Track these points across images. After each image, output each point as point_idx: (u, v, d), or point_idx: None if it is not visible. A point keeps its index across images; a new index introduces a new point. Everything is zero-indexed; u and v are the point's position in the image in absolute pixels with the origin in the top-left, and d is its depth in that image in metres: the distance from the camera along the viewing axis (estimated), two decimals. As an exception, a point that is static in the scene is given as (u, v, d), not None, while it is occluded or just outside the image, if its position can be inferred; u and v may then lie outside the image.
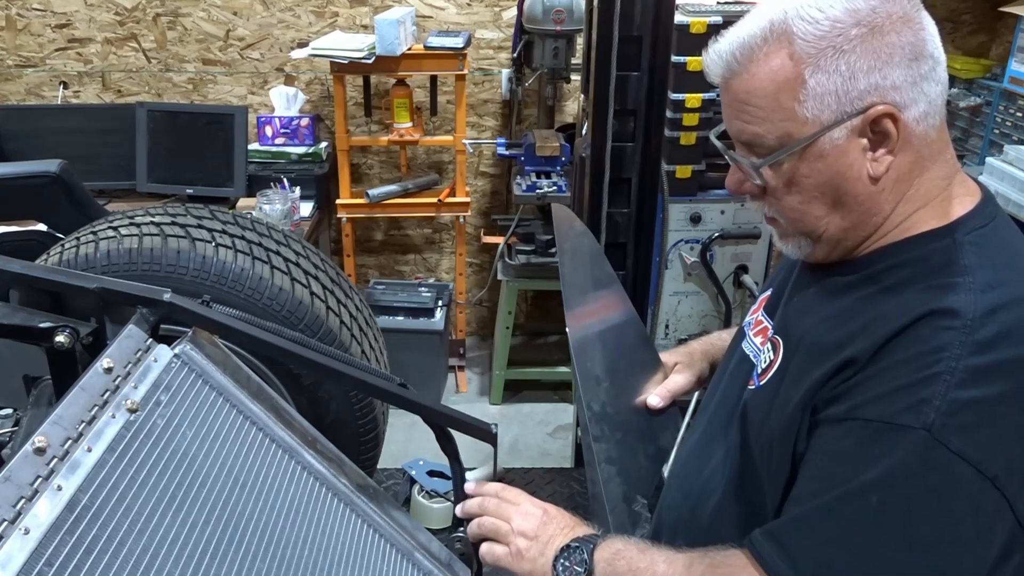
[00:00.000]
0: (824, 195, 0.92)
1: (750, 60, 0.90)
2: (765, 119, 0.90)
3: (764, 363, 1.02)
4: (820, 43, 0.86)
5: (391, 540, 1.13)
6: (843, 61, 0.85)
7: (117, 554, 0.78)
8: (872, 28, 0.85)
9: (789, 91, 0.88)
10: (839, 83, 0.86)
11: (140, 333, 1.00)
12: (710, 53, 0.94)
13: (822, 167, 0.90)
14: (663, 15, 1.84)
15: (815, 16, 0.86)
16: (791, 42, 0.87)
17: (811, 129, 0.88)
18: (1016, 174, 2.67)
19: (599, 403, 1.11)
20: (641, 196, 2.00)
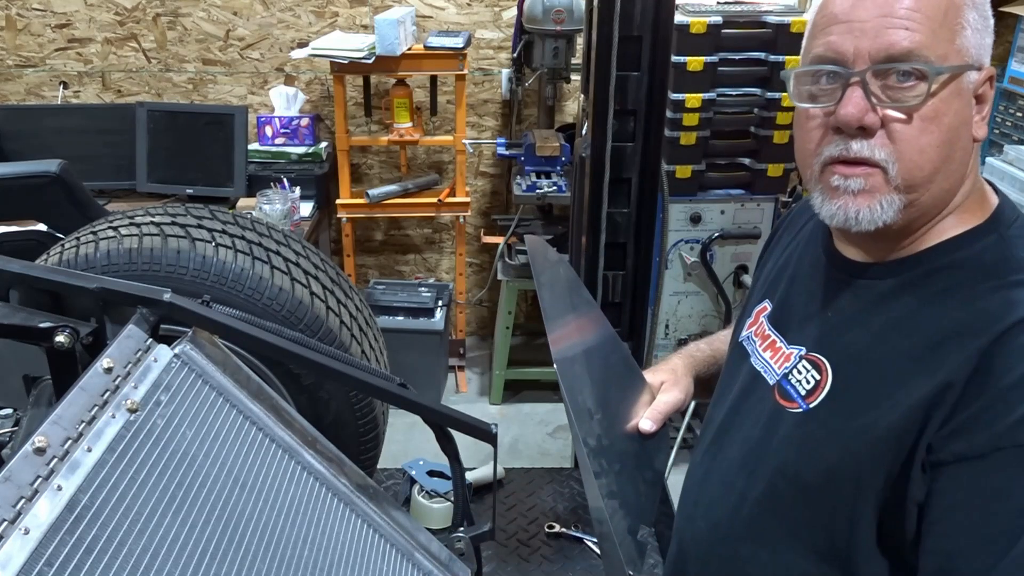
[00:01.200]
0: (950, 142, 0.86)
1: None
2: (933, 31, 0.84)
3: (807, 383, 0.95)
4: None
5: (391, 540, 1.13)
6: (976, 11, 0.86)
7: (117, 554, 0.78)
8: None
9: (956, 11, 0.85)
10: (980, 30, 0.86)
11: (140, 333, 1.00)
12: None
13: (958, 107, 0.86)
14: (663, 15, 1.84)
15: None
16: None
17: (963, 60, 0.85)
18: (1016, 174, 2.67)
19: (594, 437, 1.07)
20: (641, 196, 2.00)
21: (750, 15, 2.90)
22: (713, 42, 2.84)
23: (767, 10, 2.94)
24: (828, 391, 0.92)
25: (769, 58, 2.88)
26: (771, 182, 3.02)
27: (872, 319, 0.90)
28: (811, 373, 0.95)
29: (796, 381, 0.97)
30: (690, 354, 1.27)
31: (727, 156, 3.02)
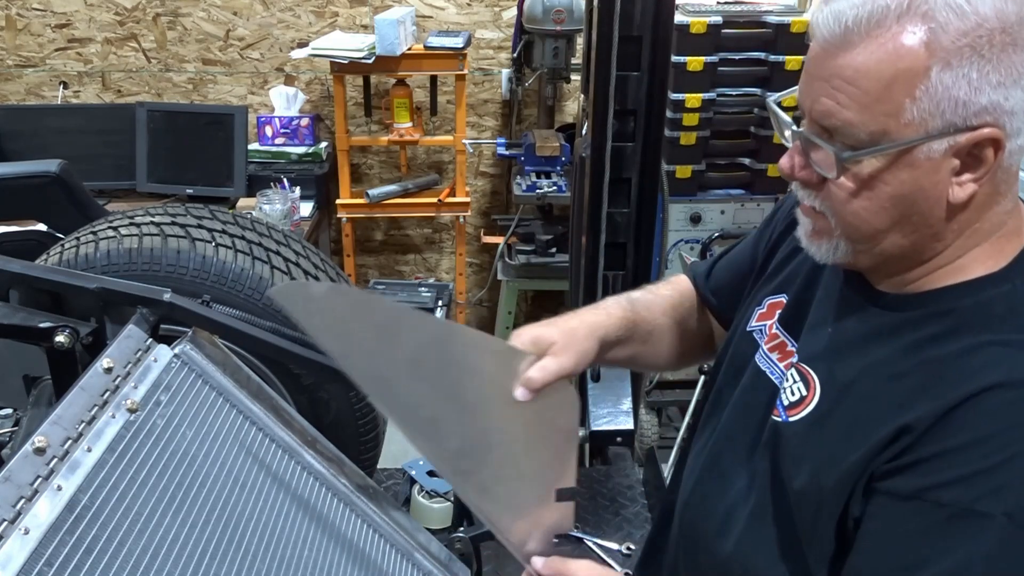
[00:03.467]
0: (895, 208, 0.81)
1: (875, 32, 0.76)
2: (865, 107, 0.77)
3: (793, 395, 0.93)
4: (960, 39, 0.73)
5: (391, 540, 1.13)
6: (976, 67, 0.74)
7: (117, 554, 0.78)
8: (1016, 40, 0.74)
9: (907, 83, 0.75)
10: (963, 90, 0.74)
11: (140, 333, 1.00)
12: (825, 11, 0.79)
13: (906, 178, 0.79)
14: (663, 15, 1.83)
15: (962, 5, 0.73)
16: (930, 28, 0.74)
17: (913, 133, 0.76)
18: (1016, 174, 2.67)
19: (457, 437, 1.01)
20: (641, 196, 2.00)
21: (750, 15, 2.90)
22: (713, 42, 2.84)
23: (767, 10, 2.94)
24: (811, 411, 0.90)
25: (769, 58, 2.88)
26: (771, 182, 3.02)
27: (870, 350, 0.87)
28: (799, 385, 0.93)
29: (787, 392, 0.95)
30: (606, 310, 1.11)
31: (727, 156, 3.02)
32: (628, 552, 1.39)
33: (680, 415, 3.17)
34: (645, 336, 1.15)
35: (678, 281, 1.26)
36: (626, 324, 1.10)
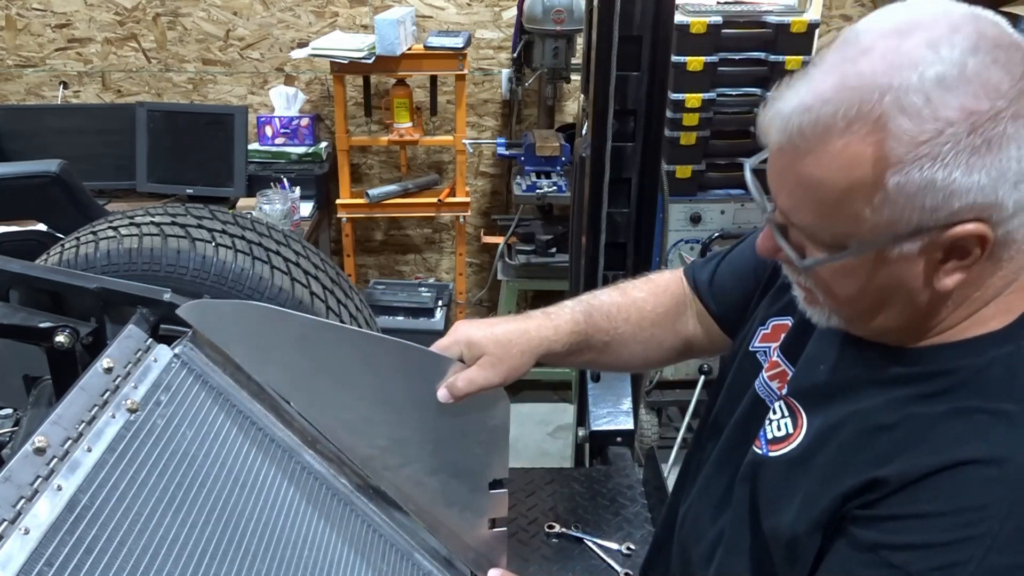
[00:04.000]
0: (875, 296, 0.78)
1: (822, 142, 0.71)
2: (824, 215, 0.74)
3: (779, 431, 0.91)
4: (918, 148, 0.67)
5: (391, 540, 1.13)
6: (941, 173, 0.67)
7: (117, 554, 0.78)
8: (990, 139, 0.67)
9: (862, 193, 0.70)
10: (927, 196, 0.68)
11: (140, 333, 1.00)
12: (771, 113, 0.76)
13: (881, 272, 0.75)
14: (663, 15, 1.83)
15: (920, 110, 0.67)
16: (882, 137, 0.68)
17: (878, 236, 0.72)
18: (1016, 174, 2.67)
19: (384, 438, 1.07)
20: (641, 196, 2.00)
21: (750, 15, 2.90)
22: (713, 42, 2.84)
23: (767, 10, 2.94)
24: (793, 449, 0.88)
25: (769, 58, 2.88)
26: (771, 182, 3.02)
27: (861, 396, 0.83)
28: (786, 421, 0.91)
29: (773, 425, 0.92)
30: (557, 323, 1.08)
31: (727, 156, 3.02)
32: (628, 552, 1.39)
33: (680, 415, 3.17)
34: (600, 347, 1.12)
35: (661, 281, 1.20)
36: (575, 338, 1.08)
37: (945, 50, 0.68)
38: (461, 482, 1.11)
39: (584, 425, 1.84)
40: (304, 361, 1.02)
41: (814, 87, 0.72)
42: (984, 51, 0.68)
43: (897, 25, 0.71)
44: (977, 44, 0.68)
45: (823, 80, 0.72)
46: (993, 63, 0.67)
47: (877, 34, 0.71)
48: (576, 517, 1.47)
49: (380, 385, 1.04)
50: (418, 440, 1.08)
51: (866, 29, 0.73)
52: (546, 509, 1.49)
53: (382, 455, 1.09)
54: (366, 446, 1.09)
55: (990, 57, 0.68)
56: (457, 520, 1.13)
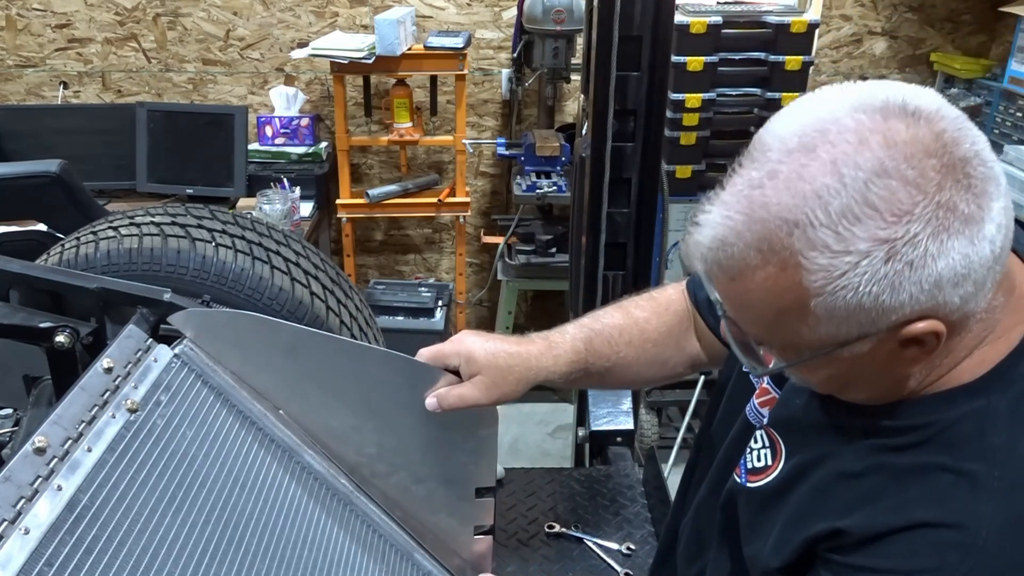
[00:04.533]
0: (839, 380, 0.78)
1: (742, 275, 0.70)
2: (766, 331, 0.74)
3: (759, 461, 0.90)
4: (836, 281, 0.65)
5: (391, 540, 1.13)
6: (867, 298, 0.66)
7: (117, 554, 0.78)
8: (911, 261, 0.64)
9: (794, 317, 0.69)
10: (860, 315, 0.67)
11: (140, 333, 1.00)
12: (690, 241, 0.73)
13: (838, 366, 0.74)
14: (663, 15, 1.83)
15: (830, 245, 0.64)
16: (798, 272, 0.66)
17: (824, 345, 0.71)
18: (1016, 174, 2.67)
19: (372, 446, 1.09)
20: (641, 196, 1.99)
21: (750, 15, 2.90)
22: (713, 42, 2.84)
23: (767, 10, 2.94)
24: (771, 483, 0.88)
25: (769, 58, 2.88)
26: (771, 182, 3.01)
27: (834, 440, 0.82)
28: (766, 452, 0.90)
29: (753, 454, 0.92)
30: (556, 352, 1.07)
31: (727, 156, 3.00)
32: (628, 552, 1.39)
33: (680, 415, 3.17)
34: (602, 372, 1.12)
35: (663, 298, 1.18)
36: (575, 367, 1.08)
37: (849, 175, 0.64)
38: (448, 490, 1.13)
39: (584, 425, 1.83)
40: (294, 369, 1.04)
41: (726, 217, 0.69)
42: (893, 169, 0.63)
43: (803, 137, 0.67)
44: (883, 162, 0.63)
45: (734, 208, 0.69)
46: (902, 183, 0.63)
47: (783, 150, 0.67)
48: (576, 517, 1.47)
49: (368, 394, 1.06)
50: (406, 448, 1.10)
51: (774, 139, 0.69)
52: (546, 509, 1.49)
53: (370, 463, 1.11)
54: (354, 454, 1.10)
55: (899, 176, 0.63)
56: (444, 527, 1.15)
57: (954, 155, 0.64)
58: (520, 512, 1.48)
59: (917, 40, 3.61)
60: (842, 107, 0.67)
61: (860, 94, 0.68)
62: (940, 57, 3.56)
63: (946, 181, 0.64)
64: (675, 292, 1.19)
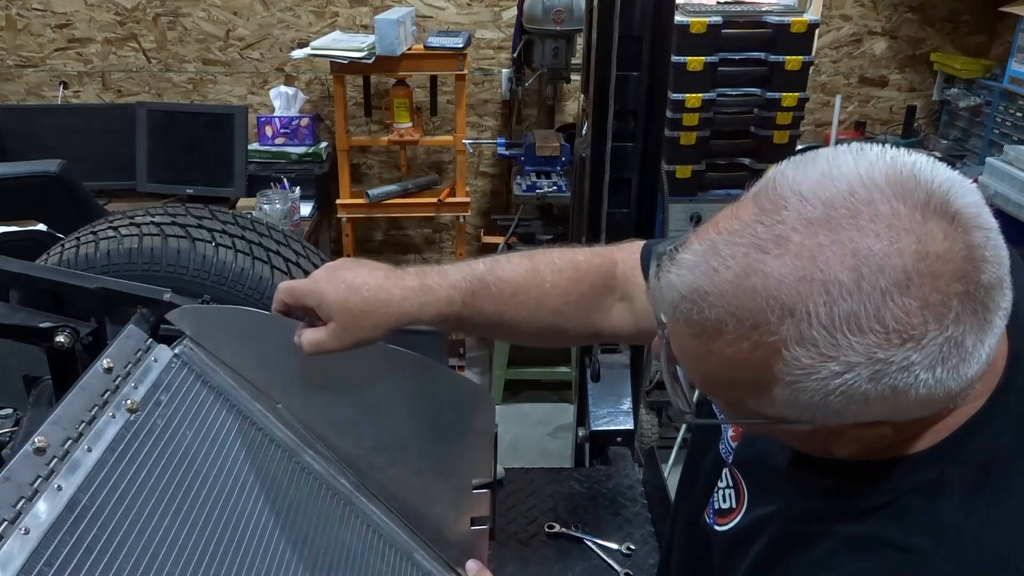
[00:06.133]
0: (791, 439, 0.74)
1: (709, 338, 0.63)
2: (711, 387, 0.70)
3: (724, 503, 0.87)
4: (809, 380, 0.60)
5: (391, 540, 1.13)
6: (833, 404, 0.61)
7: (117, 554, 0.78)
8: (895, 386, 0.59)
9: (748, 391, 0.64)
10: (818, 410, 0.62)
11: (140, 333, 1.00)
12: (664, 281, 0.64)
13: (774, 431, 0.72)
14: (663, 15, 1.83)
15: (821, 348, 0.58)
16: (773, 358, 0.60)
17: (767, 417, 0.66)
18: (1016, 174, 2.67)
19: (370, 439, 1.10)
20: (641, 196, 1.99)
21: (750, 15, 2.90)
22: (713, 42, 2.84)
23: (767, 10, 2.94)
24: (734, 527, 0.85)
25: (769, 58, 2.88)
26: (771, 182, 3.01)
27: (789, 494, 0.78)
28: (731, 492, 0.87)
29: (719, 494, 0.89)
30: (423, 301, 0.98)
31: (727, 156, 3.02)
32: (628, 552, 1.39)
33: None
34: (479, 328, 1.02)
35: (585, 264, 1.03)
36: (446, 318, 0.98)
37: (869, 279, 0.56)
38: (445, 482, 1.13)
39: (584, 425, 1.83)
40: (292, 364, 1.04)
41: (713, 270, 0.61)
42: (917, 289, 0.56)
43: (829, 208, 0.58)
44: (910, 277, 0.56)
45: (726, 262, 0.60)
46: (922, 307, 0.56)
47: (801, 216, 0.58)
48: (576, 517, 1.47)
49: (366, 387, 1.07)
50: (403, 441, 1.11)
51: (793, 194, 0.60)
52: (546, 509, 1.49)
53: (368, 456, 1.11)
54: (352, 447, 1.11)
55: (921, 298, 0.56)
56: (442, 519, 1.15)
57: (980, 282, 0.57)
58: (520, 512, 1.48)
59: (917, 40, 3.61)
60: (882, 186, 0.58)
61: (903, 175, 0.58)
62: (940, 57, 3.56)
63: (964, 314, 0.57)
64: (602, 262, 1.04)
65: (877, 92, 3.71)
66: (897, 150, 0.62)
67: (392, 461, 1.12)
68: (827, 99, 3.64)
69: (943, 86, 3.60)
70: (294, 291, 0.96)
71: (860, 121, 3.71)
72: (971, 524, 0.66)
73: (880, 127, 3.75)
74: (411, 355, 1.04)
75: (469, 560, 1.14)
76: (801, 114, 3.03)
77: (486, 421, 1.10)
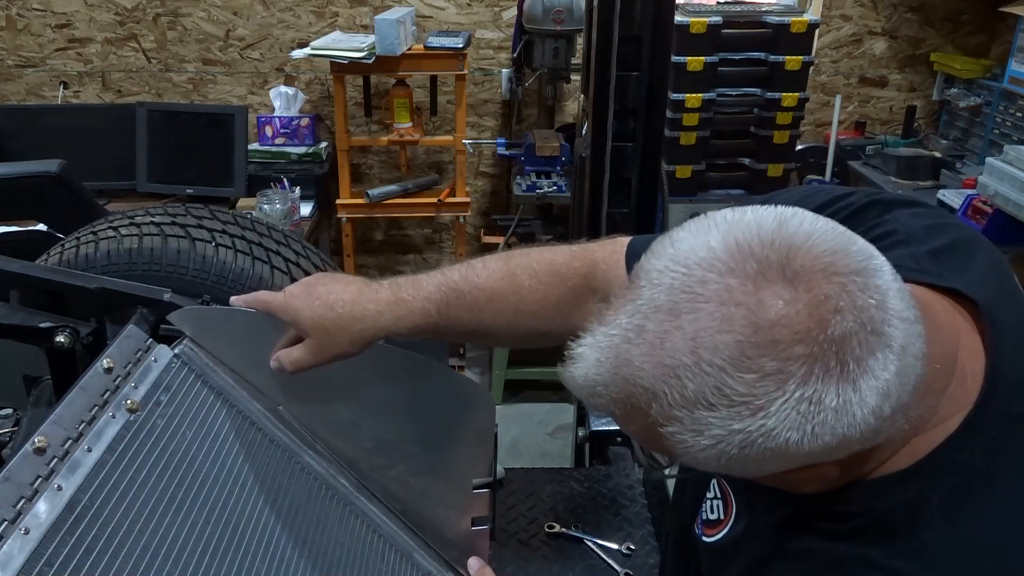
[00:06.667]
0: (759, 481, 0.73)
1: (612, 415, 0.67)
2: (651, 444, 0.69)
3: (712, 514, 0.88)
4: (696, 451, 0.62)
5: (391, 540, 1.13)
6: (729, 462, 0.62)
7: (117, 554, 0.78)
8: (771, 448, 0.60)
9: (665, 447, 0.65)
10: (731, 467, 0.63)
11: (140, 333, 1.00)
12: (566, 373, 0.69)
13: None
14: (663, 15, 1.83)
15: (687, 425, 0.61)
16: (659, 433, 0.63)
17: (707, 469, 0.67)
18: (1016, 174, 2.67)
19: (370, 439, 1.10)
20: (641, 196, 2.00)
21: (750, 15, 2.90)
22: (713, 42, 2.85)
23: (767, 10, 2.94)
24: (722, 539, 0.85)
25: (769, 58, 2.88)
26: (771, 182, 3.02)
27: (774, 509, 0.78)
28: (719, 503, 0.87)
29: (708, 505, 0.89)
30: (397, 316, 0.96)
31: (727, 156, 3.02)
32: (628, 552, 1.39)
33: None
34: (456, 336, 1.02)
35: (564, 269, 1.01)
36: (421, 329, 0.97)
37: (706, 359, 0.58)
38: (446, 482, 1.14)
39: (584, 425, 1.83)
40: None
41: (597, 362, 0.64)
42: (752, 361, 0.58)
43: (671, 293, 0.61)
44: (743, 351, 0.58)
45: (604, 355, 0.64)
46: (759, 377, 0.58)
47: (651, 304, 0.62)
48: (576, 517, 1.47)
49: (365, 388, 1.06)
50: (403, 442, 1.11)
51: (647, 279, 0.63)
52: (546, 509, 1.49)
53: (369, 456, 1.11)
54: (353, 448, 1.11)
55: (757, 369, 0.58)
56: (442, 519, 1.16)
57: (828, 338, 0.57)
58: (520, 512, 1.48)
59: (917, 40, 3.61)
60: (717, 262, 0.60)
61: (742, 245, 0.61)
62: (940, 57, 3.56)
63: (813, 372, 0.57)
64: (581, 264, 1.02)
65: (877, 92, 3.71)
66: (760, 209, 0.64)
67: (392, 461, 1.12)
68: (827, 99, 3.63)
69: (943, 86, 3.60)
70: (269, 306, 0.98)
71: (860, 121, 3.71)
72: (952, 546, 0.67)
73: (880, 127, 3.75)
74: (411, 355, 1.04)
75: (471, 558, 1.14)
76: (801, 114, 3.03)
77: (486, 421, 1.10)
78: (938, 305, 0.71)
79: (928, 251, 0.75)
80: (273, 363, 0.98)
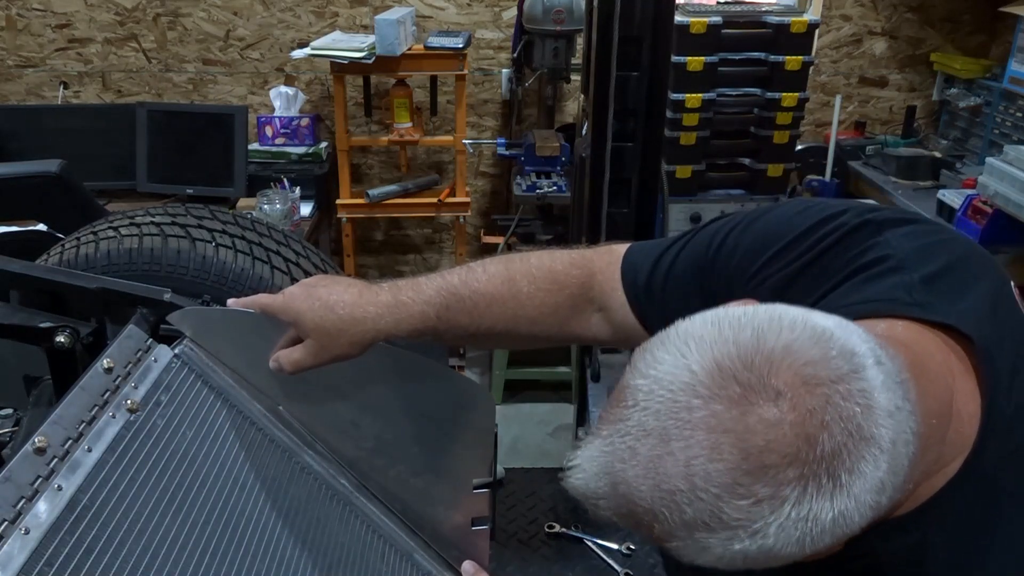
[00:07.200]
0: None
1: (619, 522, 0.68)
2: None
3: None
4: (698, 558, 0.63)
5: (390, 540, 1.13)
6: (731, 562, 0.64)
7: (117, 554, 0.78)
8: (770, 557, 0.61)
9: None
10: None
11: (140, 333, 1.00)
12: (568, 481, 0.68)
13: None
14: (663, 15, 1.84)
15: (688, 545, 0.62)
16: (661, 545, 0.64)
17: None
18: (1016, 174, 2.67)
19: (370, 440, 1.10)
20: (641, 196, 2.00)
21: (750, 15, 2.90)
22: (713, 42, 2.85)
23: (767, 10, 2.94)
24: None
25: (769, 58, 2.88)
26: (771, 182, 3.02)
27: None
28: None
29: None
30: (397, 319, 0.97)
31: (727, 156, 3.02)
32: (628, 552, 1.39)
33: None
34: (455, 340, 1.02)
35: (562, 276, 1.01)
36: (421, 333, 0.98)
37: (700, 487, 0.59)
38: (446, 483, 1.14)
39: (584, 425, 1.83)
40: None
41: (596, 476, 0.65)
42: (745, 488, 0.58)
43: (659, 417, 0.61)
44: (736, 478, 0.58)
45: (600, 471, 0.64)
46: (753, 503, 0.58)
47: (640, 427, 0.62)
48: (576, 517, 1.47)
49: (366, 389, 1.07)
50: (403, 442, 1.11)
51: (634, 399, 0.63)
52: (546, 509, 1.49)
53: (369, 456, 1.11)
54: (353, 448, 1.11)
55: (751, 495, 0.58)
56: (442, 519, 1.16)
57: (820, 453, 0.57)
58: (520, 512, 1.48)
59: (917, 40, 3.61)
60: (701, 386, 0.60)
61: (721, 366, 0.61)
62: (940, 57, 3.56)
63: (807, 492, 0.58)
64: (580, 271, 1.02)
65: (877, 92, 3.71)
66: (736, 318, 0.63)
67: (392, 461, 1.12)
68: (827, 99, 3.63)
69: (943, 86, 3.60)
70: (269, 308, 0.98)
71: (860, 121, 3.71)
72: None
73: (880, 127, 3.75)
74: (411, 355, 1.04)
75: (466, 562, 1.14)
76: (801, 114, 3.03)
77: (486, 421, 1.11)
78: (932, 346, 0.71)
79: (922, 278, 0.74)
80: (272, 364, 0.99)
